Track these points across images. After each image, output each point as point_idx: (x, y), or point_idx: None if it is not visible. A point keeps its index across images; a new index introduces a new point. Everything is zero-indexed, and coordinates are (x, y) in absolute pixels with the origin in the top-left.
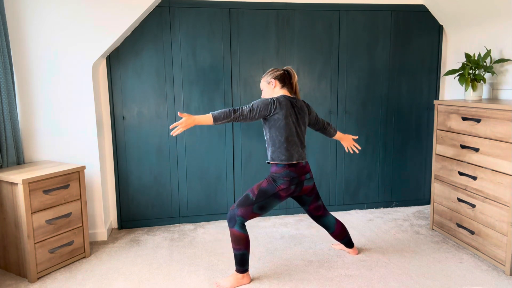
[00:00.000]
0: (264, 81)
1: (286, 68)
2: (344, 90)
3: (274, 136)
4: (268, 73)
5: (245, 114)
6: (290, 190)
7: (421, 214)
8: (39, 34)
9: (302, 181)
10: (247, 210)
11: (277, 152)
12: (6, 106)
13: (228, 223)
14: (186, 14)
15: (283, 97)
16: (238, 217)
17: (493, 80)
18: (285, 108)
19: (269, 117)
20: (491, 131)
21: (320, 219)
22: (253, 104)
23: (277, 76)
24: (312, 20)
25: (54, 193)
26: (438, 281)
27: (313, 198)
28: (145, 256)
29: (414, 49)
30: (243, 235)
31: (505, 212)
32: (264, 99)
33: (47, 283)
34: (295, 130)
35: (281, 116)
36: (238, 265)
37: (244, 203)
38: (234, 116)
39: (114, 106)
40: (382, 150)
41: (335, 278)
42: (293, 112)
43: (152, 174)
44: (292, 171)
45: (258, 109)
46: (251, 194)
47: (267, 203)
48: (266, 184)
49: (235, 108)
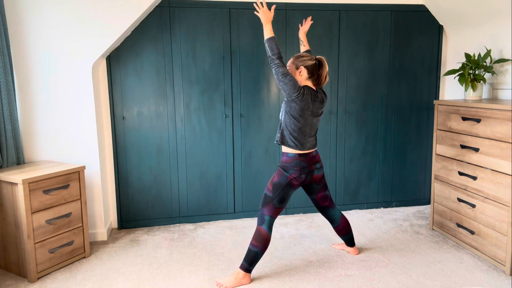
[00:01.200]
0: (293, 64)
1: (318, 58)
2: (344, 90)
3: (289, 121)
4: (300, 57)
5: (281, 70)
6: (301, 179)
7: (421, 214)
8: (39, 34)
9: (313, 171)
10: (270, 207)
11: (288, 137)
12: (6, 106)
13: (258, 220)
14: (186, 14)
15: (307, 89)
16: (265, 216)
17: (493, 80)
18: (305, 101)
19: (290, 98)
20: (491, 131)
21: (326, 211)
22: (289, 73)
23: (308, 65)
24: (312, 20)
25: (54, 193)
26: (438, 281)
27: (321, 187)
28: (145, 256)
29: (414, 49)
30: (266, 236)
31: (505, 212)
32: (297, 82)
33: (47, 283)
34: (312, 122)
35: (298, 107)
36: (247, 262)
37: (266, 201)
38: (277, 57)
39: (114, 106)
40: (382, 150)
41: (335, 278)
42: (312, 106)
43: (152, 174)
44: (302, 161)
45: (288, 79)
46: (267, 192)
47: (285, 194)
48: (277, 177)
49: (281, 56)
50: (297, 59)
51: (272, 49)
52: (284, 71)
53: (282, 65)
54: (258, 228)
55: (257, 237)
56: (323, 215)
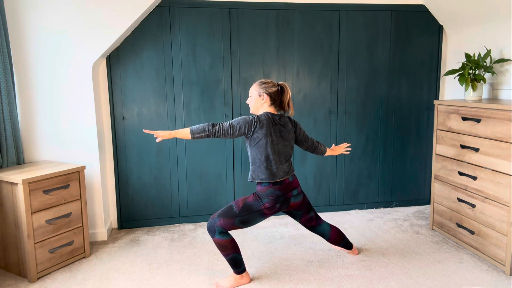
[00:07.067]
0: (256, 91)
1: (281, 84)
2: (344, 90)
3: (255, 154)
4: (262, 84)
5: (224, 130)
6: (275, 208)
7: (421, 214)
8: (39, 34)
9: (289, 198)
10: (228, 222)
11: (257, 171)
12: (6, 106)
13: (209, 232)
14: (186, 14)
15: (265, 115)
16: (217, 227)
17: (493, 80)
18: (265, 127)
19: (249, 135)
20: (491, 131)
21: (314, 229)
22: (233, 121)
23: (271, 92)
24: (312, 20)
25: (54, 193)
26: (438, 281)
27: (303, 211)
28: (145, 256)
29: (414, 49)
30: (227, 241)
31: (505, 212)
32: (245, 117)
33: (47, 283)
34: (278, 148)
35: (260, 135)
36: (233, 268)
37: (226, 214)
38: (213, 130)
39: (114, 106)
40: (382, 150)
41: (335, 278)
42: (276, 130)
43: (152, 174)
44: (277, 189)
45: (238, 126)
46: (235, 206)
47: (250, 218)
48: (251, 199)
49: (214, 123)
50: (260, 86)
51: (203, 131)
52: (227, 125)
53: (220, 125)
54: (214, 240)
55: (220, 247)
56: (313, 232)
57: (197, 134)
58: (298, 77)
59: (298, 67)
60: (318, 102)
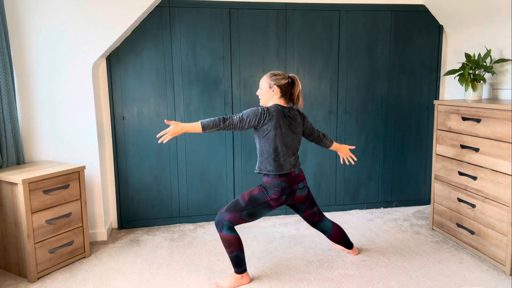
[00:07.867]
0: (266, 83)
1: (291, 76)
2: (344, 90)
3: (263, 146)
4: (273, 76)
5: (234, 123)
6: (281, 200)
7: (421, 214)
8: (39, 34)
9: (295, 191)
10: (235, 216)
11: (265, 162)
12: (6, 106)
13: (216, 227)
14: (186, 14)
15: (275, 107)
16: (225, 221)
17: (493, 80)
18: (275, 119)
19: (258, 127)
20: (491, 131)
21: (316, 224)
22: (243, 114)
23: (281, 84)
24: (312, 20)
25: (54, 193)
26: (438, 281)
27: (307, 205)
28: (145, 256)
29: (414, 49)
30: (233, 238)
31: (505, 212)
32: (255, 109)
33: (47, 283)
34: (286, 140)
35: (270, 127)
36: (235, 266)
37: (233, 208)
38: (224, 125)
39: (114, 106)
40: (382, 150)
41: (335, 278)
42: (285, 122)
43: (152, 174)
44: (283, 181)
45: (248, 119)
46: (241, 200)
47: (257, 211)
48: (257, 191)
49: (225, 116)
50: (271, 78)
51: (214, 125)
52: (238, 118)
53: (230, 119)
54: (221, 235)
55: (226, 243)
56: (314, 228)
57: (208, 129)
58: (298, 77)
59: (298, 67)
60: (318, 102)
